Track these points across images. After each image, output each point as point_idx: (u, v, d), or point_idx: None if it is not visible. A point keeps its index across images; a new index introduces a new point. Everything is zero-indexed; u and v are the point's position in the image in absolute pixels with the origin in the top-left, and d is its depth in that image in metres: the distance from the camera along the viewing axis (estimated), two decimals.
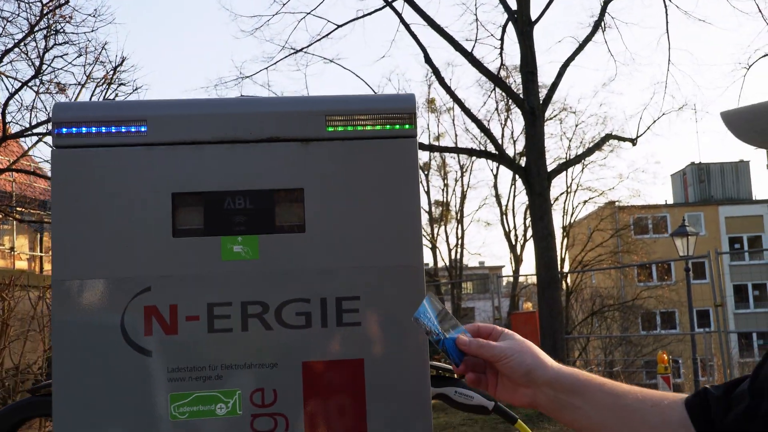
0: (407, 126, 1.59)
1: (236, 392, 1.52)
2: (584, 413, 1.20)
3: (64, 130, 1.54)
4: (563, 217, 27.70)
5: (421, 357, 1.55)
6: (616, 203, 28.06)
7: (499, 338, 1.29)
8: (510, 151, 24.68)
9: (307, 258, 1.55)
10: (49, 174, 13.16)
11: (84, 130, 1.54)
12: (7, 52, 10.10)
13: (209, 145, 1.55)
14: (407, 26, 13.44)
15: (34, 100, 10.34)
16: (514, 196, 29.15)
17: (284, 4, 14.05)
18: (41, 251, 18.66)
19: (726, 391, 1.13)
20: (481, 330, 1.32)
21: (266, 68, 14.66)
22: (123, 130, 1.55)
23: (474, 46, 14.14)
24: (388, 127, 1.59)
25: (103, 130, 1.54)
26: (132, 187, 1.54)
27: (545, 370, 1.22)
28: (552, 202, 13.21)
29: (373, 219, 1.57)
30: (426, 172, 29.92)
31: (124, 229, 1.53)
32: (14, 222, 15.71)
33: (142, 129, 1.55)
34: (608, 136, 15.61)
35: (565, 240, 27.07)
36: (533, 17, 13.14)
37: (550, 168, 13.26)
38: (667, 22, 15.04)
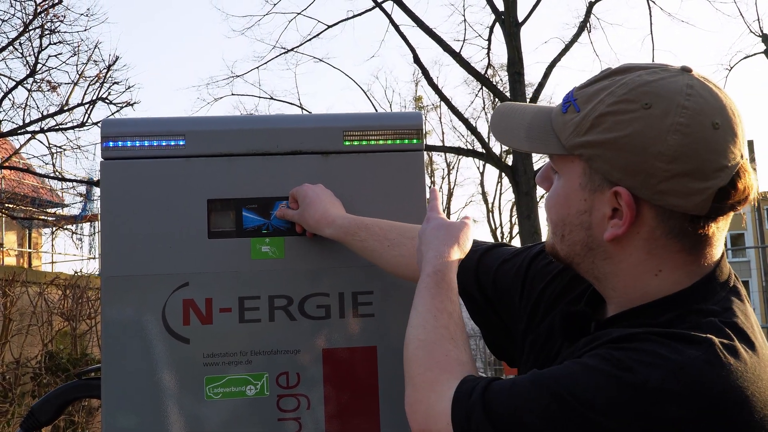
0: (415, 141, 1.80)
1: (264, 375, 1.72)
2: (367, 245, 1.60)
3: (111, 143, 1.73)
4: None
5: None
6: None
7: (299, 201, 1.70)
8: (497, 150, 24.90)
9: (327, 257, 1.75)
10: (38, 171, 13.21)
11: (129, 143, 1.73)
12: (1, 50, 10.17)
13: (241, 157, 1.75)
14: (396, 27, 13.58)
15: (27, 98, 10.39)
16: (500, 194, 29.44)
17: (275, 5, 14.20)
18: (29, 247, 18.66)
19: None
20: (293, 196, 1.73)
21: (257, 68, 14.84)
22: (164, 144, 1.74)
23: (462, 46, 14.38)
24: (398, 141, 1.79)
25: (146, 144, 1.74)
26: (171, 194, 1.73)
27: (331, 227, 1.64)
28: (538, 200, 13.42)
29: None
30: None
31: (165, 231, 1.72)
32: (2, 218, 15.75)
33: (181, 143, 1.74)
34: None
35: None
36: (520, 18, 13.33)
37: (536, 167, 13.48)
38: (651, 24, 15.40)
